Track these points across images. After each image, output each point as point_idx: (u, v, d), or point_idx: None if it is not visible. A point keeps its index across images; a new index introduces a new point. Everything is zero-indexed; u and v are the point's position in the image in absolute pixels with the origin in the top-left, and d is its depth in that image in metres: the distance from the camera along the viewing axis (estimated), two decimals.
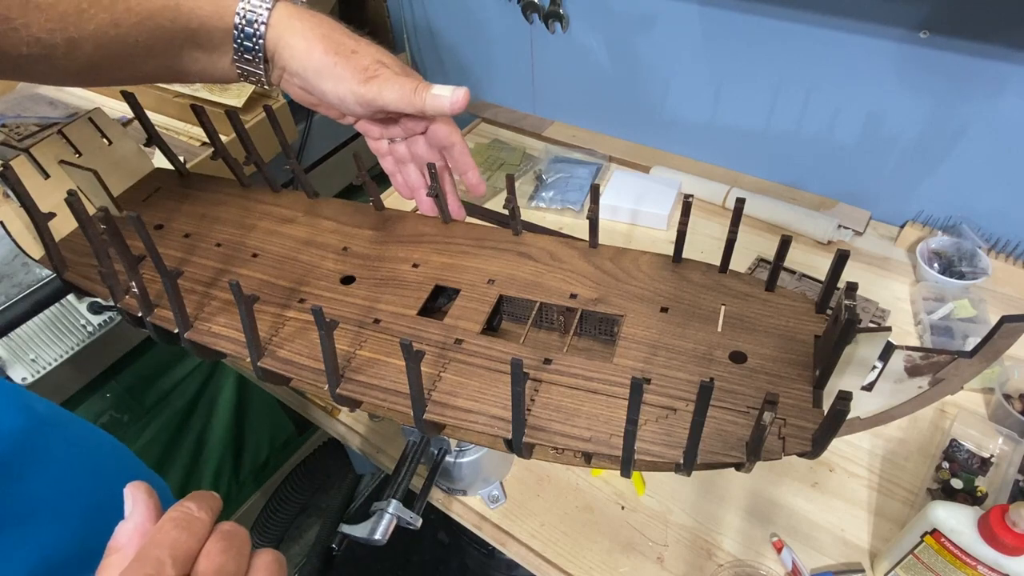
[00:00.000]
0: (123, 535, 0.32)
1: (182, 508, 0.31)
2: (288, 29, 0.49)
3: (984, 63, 0.78)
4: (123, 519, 0.32)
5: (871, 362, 0.45)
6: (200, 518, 0.31)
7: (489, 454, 0.66)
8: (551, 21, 1.10)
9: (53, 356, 1.13)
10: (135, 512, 0.32)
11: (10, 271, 0.95)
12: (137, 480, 0.33)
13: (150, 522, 0.32)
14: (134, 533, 0.32)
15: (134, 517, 0.32)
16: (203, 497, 0.33)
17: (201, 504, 0.32)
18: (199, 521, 0.31)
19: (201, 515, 0.32)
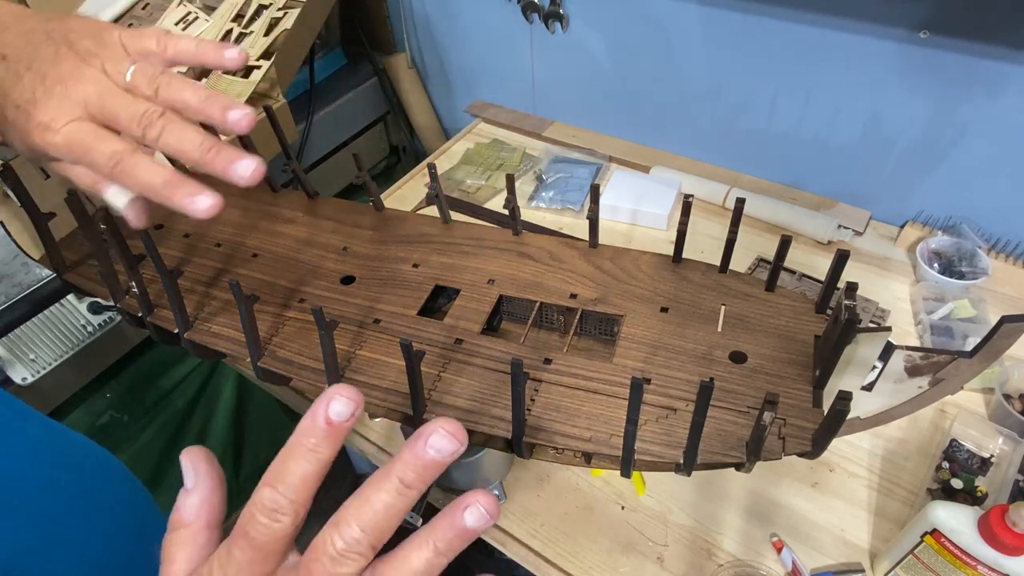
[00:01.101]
0: (189, 510, 0.29)
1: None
2: None
3: (984, 63, 0.78)
4: (184, 489, 0.30)
5: (871, 362, 0.45)
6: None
7: (489, 454, 0.66)
8: (551, 21, 1.10)
9: (53, 356, 1.13)
10: (199, 484, 0.30)
11: (10, 271, 0.95)
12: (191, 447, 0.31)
13: (216, 494, 0.30)
14: (201, 507, 0.29)
15: (200, 489, 0.30)
16: None
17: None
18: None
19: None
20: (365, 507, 0.27)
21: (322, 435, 0.27)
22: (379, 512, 0.27)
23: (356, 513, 0.27)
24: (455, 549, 0.28)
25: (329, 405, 0.26)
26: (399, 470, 0.27)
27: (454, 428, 0.26)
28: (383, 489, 0.27)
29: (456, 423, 0.27)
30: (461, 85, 1.37)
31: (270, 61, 0.90)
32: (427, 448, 0.26)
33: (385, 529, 0.27)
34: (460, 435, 0.27)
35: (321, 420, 0.27)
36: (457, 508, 0.27)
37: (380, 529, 0.27)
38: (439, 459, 0.27)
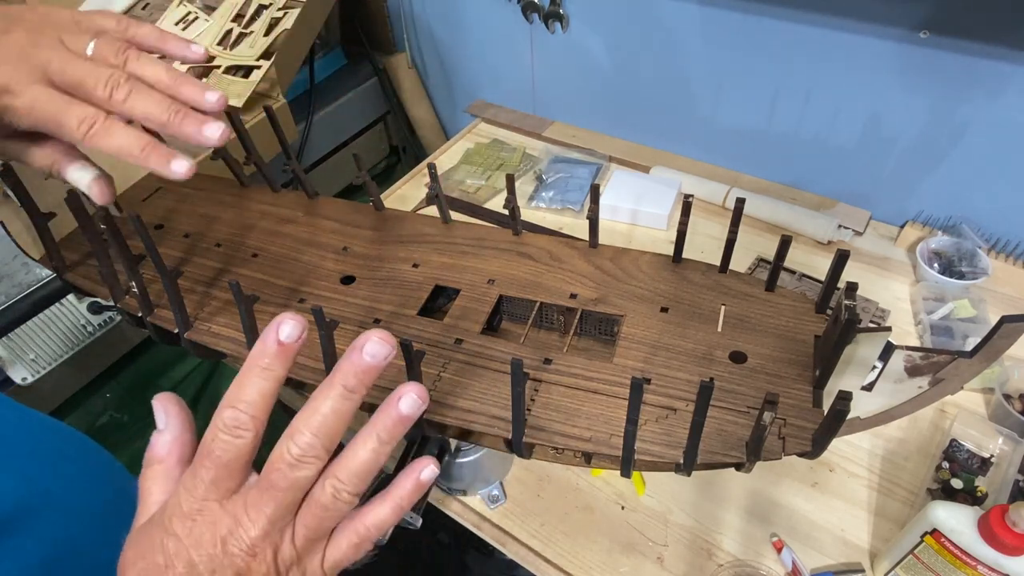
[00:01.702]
0: (161, 446, 0.32)
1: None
2: None
3: (984, 63, 0.78)
4: (156, 430, 0.32)
5: (871, 362, 0.45)
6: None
7: (489, 454, 0.66)
8: (551, 21, 1.10)
9: (53, 356, 1.13)
10: (170, 424, 0.32)
11: (10, 271, 0.95)
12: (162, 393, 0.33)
13: (186, 433, 0.32)
14: (173, 444, 0.32)
15: (171, 428, 0.32)
16: None
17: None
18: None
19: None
20: (314, 415, 0.29)
21: (274, 355, 0.29)
22: (327, 417, 0.29)
23: (307, 421, 0.29)
24: (396, 436, 0.31)
25: (279, 328, 0.29)
26: (341, 378, 0.29)
27: (385, 335, 0.30)
28: (329, 397, 0.29)
29: (386, 332, 0.30)
30: (461, 85, 1.37)
31: (270, 61, 0.90)
32: (363, 355, 0.29)
33: (334, 432, 0.30)
34: (390, 340, 0.30)
35: (272, 342, 0.29)
36: (392, 400, 0.30)
37: (330, 432, 0.29)
38: (374, 363, 0.29)
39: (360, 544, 0.32)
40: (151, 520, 0.31)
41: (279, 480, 0.29)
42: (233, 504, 0.29)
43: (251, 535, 0.29)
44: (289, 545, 0.30)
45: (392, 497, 0.33)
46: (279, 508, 0.29)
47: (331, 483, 0.30)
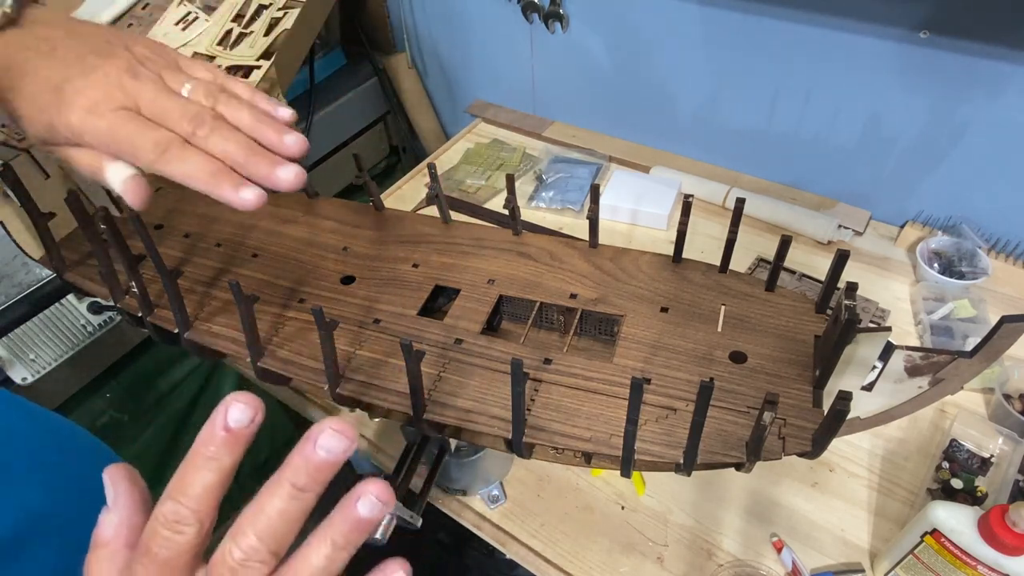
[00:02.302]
0: (108, 528, 0.29)
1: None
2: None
3: (984, 63, 0.78)
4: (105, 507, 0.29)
5: (871, 362, 0.45)
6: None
7: (489, 454, 0.66)
8: (551, 21, 1.10)
9: (53, 356, 1.13)
10: (118, 503, 0.29)
11: (10, 271, 0.95)
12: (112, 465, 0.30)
13: (137, 514, 0.29)
14: (120, 527, 0.29)
15: (118, 508, 0.29)
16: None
17: None
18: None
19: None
20: (260, 515, 0.26)
21: (221, 443, 0.27)
22: (273, 519, 0.26)
23: (252, 521, 0.26)
24: (353, 542, 0.27)
25: (228, 412, 0.26)
26: (290, 475, 0.26)
27: (342, 427, 0.26)
28: (276, 495, 0.26)
29: (344, 422, 0.26)
30: (461, 85, 1.37)
31: (270, 61, 0.90)
32: (317, 449, 0.26)
33: (282, 535, 0.27)
34: (349, 433, 0.26)
35: (220, 428, 0.26)
36: (350, 500, 0.27)
37: (277, 535, 0.26)
38: (330, 459, 0.26)
39: None
40: None
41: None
42: None
43: None
44: None
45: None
46: None
47: None
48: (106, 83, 0.38)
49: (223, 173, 0.38)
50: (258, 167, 0.38)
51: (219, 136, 0.38)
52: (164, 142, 0.37)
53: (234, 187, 0.37)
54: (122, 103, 0.38)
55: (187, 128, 0.38)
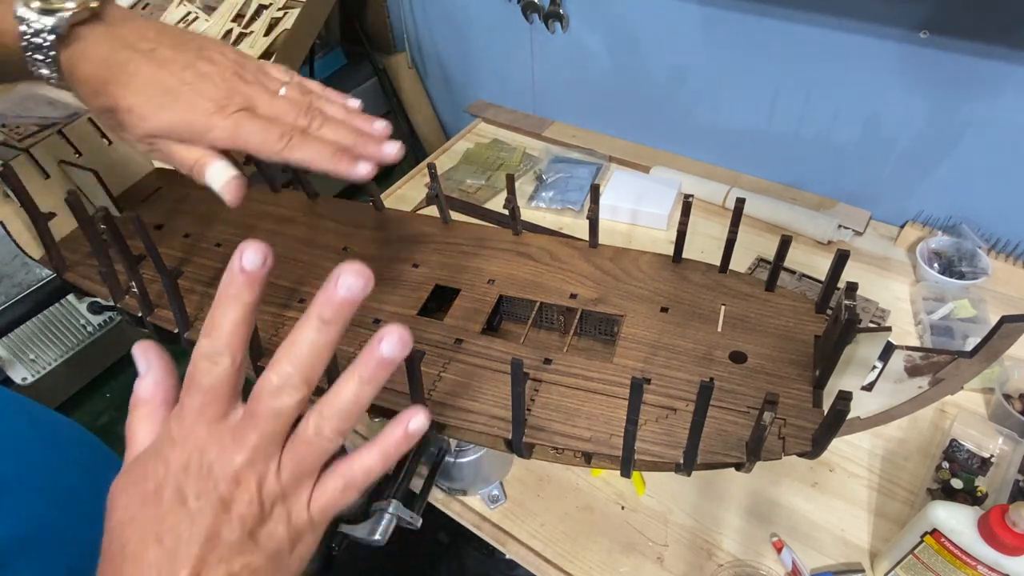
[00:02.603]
0: (145, 389, 0.33)
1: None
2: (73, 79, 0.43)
3: (984, 63, 0.78)
4: (139, 375, 0.33)
5: (871, 362, 0.45)
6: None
7: (489, 454, 0.66)
8: (551, 21, 1.10)
9: (53, 356, 1.13)
10: (152, 367, 0.33)
11: (10, 271, 0.95)
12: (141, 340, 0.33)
13: (169, 376, 0.33)
14: (156, 386, 0.33)
15: (153, 372, 0.33)
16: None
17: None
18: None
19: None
20: (293, 347, 0.30)
21: (240, 284, 0.30)
22: (304, 349, 0.30)
23: (286, 353, 0.30)
24: (378, 378, 0.31)
25: (242, 256, 0.29)
26: (317, 311, 0.30)
27: (360, 267, 0.30)
28: (306, 329, 0.30)
29: (361, 263, 0.30)
30: (461, 85, 1.37)
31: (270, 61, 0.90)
32: (338, 288, 0.29)
33: (313, 363, 0.30)
34: (366, 273, 0.30)
35: (237, 271, 0.29)
36: (375, 342, 0.30)
37: (308, 363, 0.30)
38: (350, 296, 0.29)
39: (347, 489, 0.33)
40: (144, 451, 0.31)
41: (261, 409, 0.30)
42: (220, 431, 0.30)
43: (235, 462, 0.29)
44: (274, 478, 0.30)
45: (380, 444, 0.33)
46: (262, 437, 0.30)
47: (314, 419, 0.31)
48: (225, 87, 0.43)
49: (341, 153, 0.43)
50: (366, 147, 0.45)
51: (329, 127, 0.44)
52: (288, 134, 0.43)
53: (352, 163, 0.43)
54: (241, 104, 0.43)
55: (303, 123, 0.44)
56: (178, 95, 0.42)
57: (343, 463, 0.33)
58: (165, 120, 0.42)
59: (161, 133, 0.42)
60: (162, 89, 0.42)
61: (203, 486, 0.29)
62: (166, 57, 0.42)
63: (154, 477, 0.30)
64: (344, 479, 0.33)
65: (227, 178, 0.43)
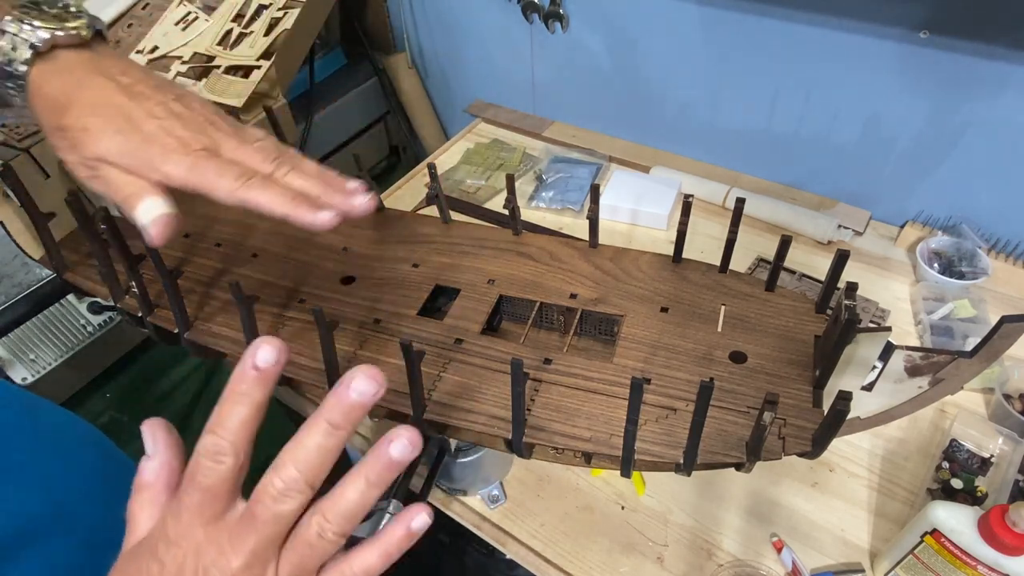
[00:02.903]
0: (149, 472, 0.32)
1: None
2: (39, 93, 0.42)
3: (984, 63, 0.78)
4: (145, 456, 0.32)
5: (871, 362, 0.45)
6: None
7: (489, 454, 0.66)
8: (551, 21, 1.10)
9: (53, 356, 1.13)
10: (158, 449, 0.32)
11: (10, 271, 0.95)
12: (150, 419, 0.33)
13: (175, 459, 0.32)
14: (160, 470, 0.32)
15: (159, 454, 0.32)
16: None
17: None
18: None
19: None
20: (299, 449, 0.29)
21: (252, 381, 0.29)
22: (312, 452, 0.29)
23: (292, 456, 0.29)
24: (385, 480, 0.30)
25: (256, 354, 0.29)
26: (327, 414, 0.29)
27: (374, 372, 0.29)
28: (314, 432, 0.29)
29: (375, 368, 0.29)
30: (461, 85, 1.37)
31: (270, 61, 0.90)
32: (350, 392, 0.29)
33: (319, 468, 0.30)
34: (379, 378, 0.29)
35: (249, 368, 0.29)
36: (383, 443, 0.30)
37: (314, 468, 0.29)
38: (362, 401, 0.29)
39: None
40: (139, 544, 0.31)
41: (262, 513, 0.29)
42: (217, 531, 0.29)
43: (233, 566, 0.29)
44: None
45: (382, 544, 0.32)
46: (261, 541, 0.29)
47: (317, 520, 0.30)
48: (194, 128, 0.42)
49: (301, 199, 0.42)
50: (333, 197, 0.43)
51: (297, 174, 0.43)
52: (247, 175, 0.41)
53: (312, 211, 0.41)
54: (206, 145, 0.41)
55: (269, 168, 0.42)
56: (141, 125, 0.41)
57: (343, 562, 0.32)
58: (118, 144, 0.40)
59: (110, 157, 0.41)
60: (125, 116, 0.41)
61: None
62: (141, 92, 0.42)
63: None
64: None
65: (158, 213, 0.41)
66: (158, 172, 0.41)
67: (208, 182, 0.41)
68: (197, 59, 0.92)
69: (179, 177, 0.41)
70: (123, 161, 0.41)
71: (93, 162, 0.41)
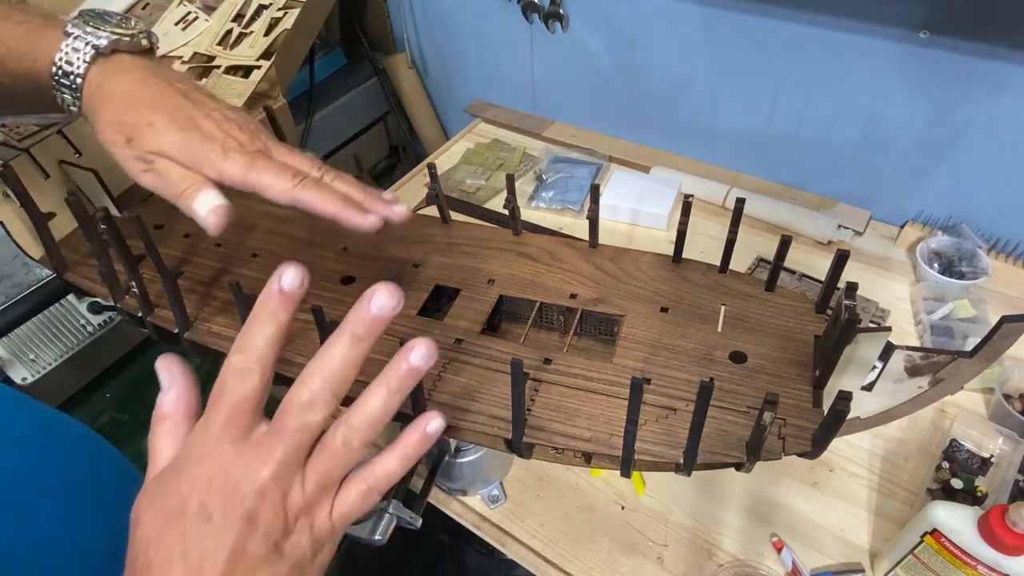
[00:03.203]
0: (168, 403, 0.33)
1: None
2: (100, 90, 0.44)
3: (984, 63, 0.78)
4: (162, 390, 0.33)
5: (871, 362, 0.45)
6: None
7: (489, 454, 0.66)
8: (551, 21, 1.10)
9: (53, 356, 1.13)
10: (175, 382, 0.33)
11: (10, 271, 0.95)
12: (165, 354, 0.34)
13: (191, 390, 0.33)
14: (179, 400, 0.33)
15: (176, 386, 0.33)
16: None
17: None
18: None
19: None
20: (325, 361, 0.31)
21: (277, 302, 0.31)
22: (337, 363, 0.31)
23: (317, 367, 0.31)
24: (406, 387, 0.32)
25: (281, 277, 0.31)
26: (350, 327, 0.31)
27: (392, 288, 0.31)
28: (338, 344, 0.31)
29: (394, 285, 0.31)
30: (461, 85, 1.37)
31: (270, 61, 0.90)
32: (371, 306, 0.31)
33: (344, 378, 0.31)
34: (397, 293, 0.31)
35: (275, 290, 0.31)
36: (403, 352, 0.32)
37: (339, 378, 0.31)
38: (382, 314, 0.31)
39: (368, 494, 0.33)
40: (165, 469, 0.31)
41: (290, 422, 0.30)
42: (245, 447, 0.30)
43: (261, 476, 0.30)
44: (299, 490, 0.31)
45: (399, 448, 0.34)
46: (289, 451, 0.30)
47: (343, 430, 0.31)
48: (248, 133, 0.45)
49: (350, 202, 0.45)
50: (375, 204, 0.47)
51: (341, 181, 0.47)
52: (301, 175, 0.44)
53: (361, 213, 0.45)
54: (260, 148, 0.45)
55: (316, 174, 0.46)
56: (201, 124, 0.43)
57: (365, 470, 0.33)
58: (181, 140, 0.43)
59: (171, 152, 0.43)
60: (187, 115, 0.43)
61: (228, 502, 0.29)
62: (197, 98, 0.45)
63: (177, 494, 0.30)
64: (367, 484, 0.33)
65: (215, 204, 0.43)
66: (216, 169, 0.43)
67: (265, 181, 0.43)
68: (197, 59, 0.92)
69: (237, 175, 0.43)
70: (183, 156, 0.43)
71: (151, 156, 0.43)
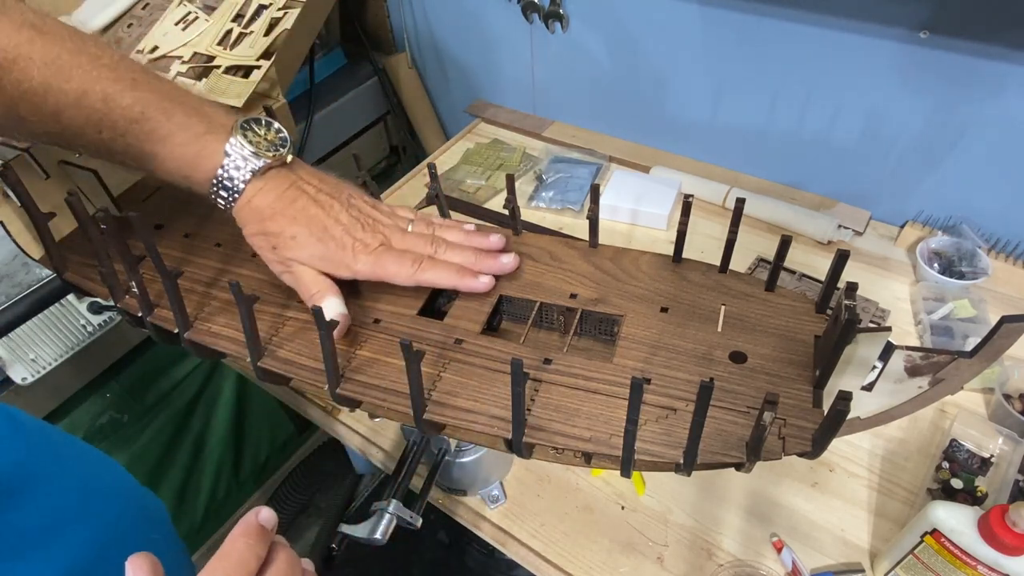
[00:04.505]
0: None
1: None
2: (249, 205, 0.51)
3: (984, 63, 0.78)
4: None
5: (871, 362, 0.45)
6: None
7: (489, 454, 0.66)
8: (551, 21, 1.10)
9: (53, 356, 1.13)
10: None
11: (10, 271, 0.95)
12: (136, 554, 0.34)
13: None
14: None
15: None
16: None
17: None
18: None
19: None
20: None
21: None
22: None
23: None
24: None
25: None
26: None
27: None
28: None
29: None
30: (461, 85, 1.37)
31: (270, 61, 0.90)
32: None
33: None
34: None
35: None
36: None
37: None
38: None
39: None
40: None
41: None
42: None
43: None
44: None
45: None
46: None
47: None
48: (370, 229, 0.52)
49: (464, 271, 0.52)
50: (484, 263, 0.54)
51: (452, 251, 0.53)
52: (418, 260, 0.51)
53: (473, 278, 0.52)
54: (381, 242, 0.52)
55: (430, 251, 0.53)
56: (332, 232, 0.50)
57: None
58: (319, 251, 0.50)
59: (310, 261, 0.50)
60: (321, 227, 0.50)
61: None
62: (324, 201, 0.51)
63: None
64: None
65: (339, 312, 0.50)
66: (349, 270, 0.50)
67: (390, 273, 0.51)
68: (197, 59, 0.92)
69: (366, 272, 0.51)
70: (320, 264, 0.50)
71: (291, 262, 0.50)
